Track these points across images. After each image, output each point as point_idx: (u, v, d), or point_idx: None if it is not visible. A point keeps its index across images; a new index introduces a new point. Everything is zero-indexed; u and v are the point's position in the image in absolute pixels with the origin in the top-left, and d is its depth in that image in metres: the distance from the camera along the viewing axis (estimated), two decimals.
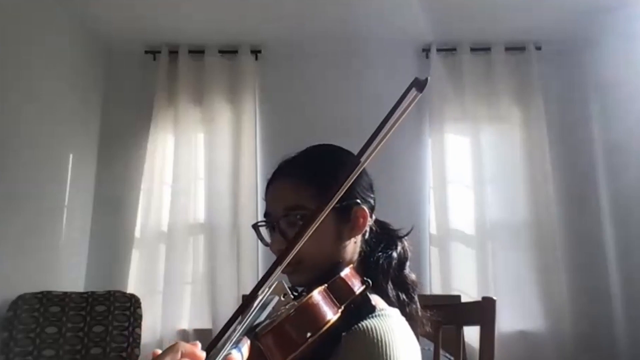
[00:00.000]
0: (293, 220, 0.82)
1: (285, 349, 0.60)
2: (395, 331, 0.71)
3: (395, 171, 2.71)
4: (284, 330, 0.61)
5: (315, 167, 0.86)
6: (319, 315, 0.64)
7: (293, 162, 0.89)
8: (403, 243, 0.90)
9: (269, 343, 0.60)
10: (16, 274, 2.09)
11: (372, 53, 2.93)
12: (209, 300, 2.57)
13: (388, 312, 0.76)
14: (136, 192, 2.72)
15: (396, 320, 0.75)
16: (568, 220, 2.69)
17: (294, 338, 0.61)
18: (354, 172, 0.72)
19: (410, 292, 0.86)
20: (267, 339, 0.60)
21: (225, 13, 2.60)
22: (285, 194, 0.85)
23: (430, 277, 2.61)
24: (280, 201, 0.85)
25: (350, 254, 0.85)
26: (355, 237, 0.85)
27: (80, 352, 2.04)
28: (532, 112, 2.78)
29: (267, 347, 0.60)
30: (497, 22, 2.71)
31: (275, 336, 0.60)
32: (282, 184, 0.87)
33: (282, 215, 0.83)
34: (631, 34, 2.47)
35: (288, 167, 0.89)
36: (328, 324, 0.64)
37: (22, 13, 2.15)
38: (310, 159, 0.89)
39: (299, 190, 0.83)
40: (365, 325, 0.70)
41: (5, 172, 2.03)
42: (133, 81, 2.91)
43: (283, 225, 0.83)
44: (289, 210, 0.82)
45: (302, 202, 0.81)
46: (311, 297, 0.65)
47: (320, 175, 0.83)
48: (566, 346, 2.48)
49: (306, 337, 0.61)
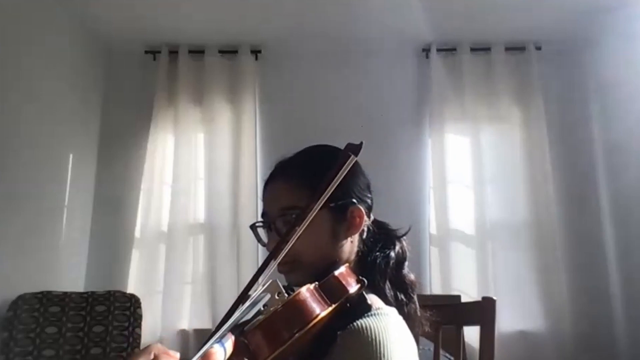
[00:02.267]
0: (289, 220, 0.82)
1: (272, 344, 0.60)
2: (390, 330, 0.71)
3: (395, 171, 2.71)
4: (271, 325, 0.62)
5: (310, 168, 0.86)
6: (306, 312, 0.64)
7: (289, 162, 0.90)
8: (401, 243, 0.90)
9: (255, 338, 0.61)
10: (16, 274, 2.09)
11: (372, 53, 2.93)
12: (209, 300, 2.57)
13: (384, 311, 0.76)
14: (136, 192, 2.72)
15: (392, 320, 0.75)
16: (568, 220, 2.69)
17: (281, 333, 0.61)
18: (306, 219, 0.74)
19: (409, 291, 0.86)
20: (254, 333, 0.61)
21: (225, 13, 2.60)
22: (281, 194, 0.86)
23: (430, 277, 2.61)
24: (277, 201, 0.86)
25: (347, 254, 0.85)
26: (351, 237, 0.86)
27: (80, 352, 2.04)
28: (532, 112, 2.78)
29: (253, 342, 0.60)
30: (497, 22, 2.71)
31: (262, 331, 0.61)
32: (278, 184, 0.88)
33: (278, 215, 0.84)
34: (631, 34, 2.47)
35: (284, 168, 0.89)
36: (315, 320, 0.64)
37: (22, 13, 2.15)
38: (306, 159, 0.90)
39: (295, 190, 0.84)
40: (360, 323, 0.71)
41: (5, 172, 2.03)
42: (133, 81, 2.91)
43: (279, 225, 0.84)
44: (285, 210, 0.83)
45: (298, 202, 0.81)
46: (299, 294, 0.66)
47: (315, 175, 0.82)
48: (566, 346, 2.48)
49: (293, 332, 0.61)
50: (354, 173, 0.88)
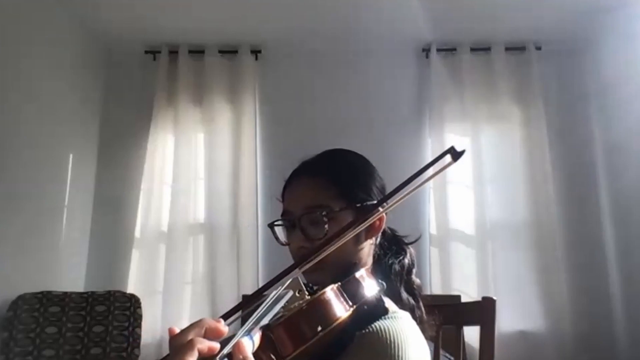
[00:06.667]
0: (315, 217, 0.84)
1: (296, 341, 0.62)
2: (407, 333, 0.73)
3: (395, 171, 2.69)
4: (296, 322, 0.63)
5: (336, 169, 0.89)
6: (330, 312, 0.66)
7: (313, 163, 0.93)
8: (410, 250, 0.94)
9: (280, 334, 0.62)
10: (16, 274, 2.09)
11: (372, 53, 2.93)
12: (209, 300, 2.57)
13: (400, 315, 0.78)
14: (136, 192, 2.71)
15: (408, 323, 0.77)
16: (568, 220, 2.69)
17: (305, 331, 0.63)
18: (374, 216, 0.79)
19: (417, 296, 0.89)
20: (280, 330, 0.62)
21: (225, 13, 2.60)
22: (306, 192, 0.87)
23: (430, 277, 2.61)
24: (301, 200, 0.87)
25: (365, 256, 0.88)
26: (371, 239, 0.88)
27: (80, 352, 2.04)
28: (532, 112, 2.77)
29: (278, 338, 0.62)
30: (497, 22, 2.71)
31: (288, 328, 0.62)
32: (304, 183, 0.89)
33: (303, 213, 0.85)
34: (631, 34, 2.47)
35: (308, 168, 0.92)
36: (338, 320, 0.66)
37: (22, 13, 2.15)
38: (330, 161, 0.93)
39: (321, 189, 0.86)
40: (378, 326, 0.72)
41: (5, 172, 2.03)
42: (133, 81, 2.91)
43: (304, 223, 0.85)
44: (311, 208, 0.85)
45: (324, 201, 0.85)
46: (324, 294, 0.67)
47: (340, 176, 0.87)
48: (566, 346, 2.48)
49: (317, 331, 0.63)
50: (373, 175, 0.93)
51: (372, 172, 0.94)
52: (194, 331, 0.54)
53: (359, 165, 0.94)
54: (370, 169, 0.94)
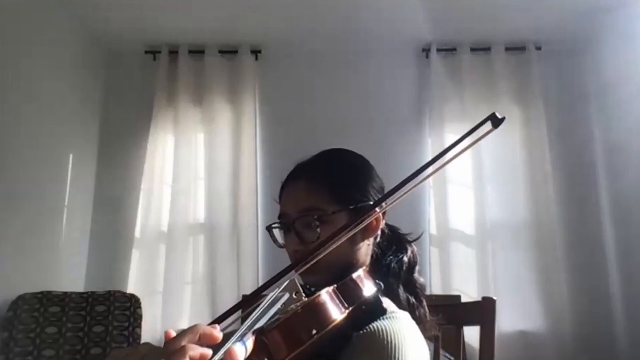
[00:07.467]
0: (308, 221, 0.83)
1: (291, 345, 0.61)
2: (405, 333, 0.72)
3: (395, 171, 2.70)
4: (291, 326, 0.62)
5: (331, 171, 0.88)
6: (325, 314, 0.66)
7: (308, 165, 0.92)
8: (412, 247, 0.93)
9: (275, 338, 0.61)
10: (16, 274, 2.09)
11: (372, 53, 2.93)
12: (209, 300, 2.57)
13: (399, 315, 0.77)
14: (136, 192, 2.72)
15: (406, 323, 0.77)
16: (568, 220, 2.69)
17: (300, 335, 0.62)
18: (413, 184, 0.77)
19: (419, 295, 0.88)
20: (274, 334, 0.61)
21: (225, 13, 2.60)
22: (300, 195, 0.87)
23: (430, 277, 2.61)
24: (296, 203, 0.87)
25: (363, 257, 0.87)
26: (368, 240, 0.87)
27: (80, 352, 2.04)
28: (532, 112, 2.77)
29: (272, 342, 0.61)
30: (497, 22, 2.70)
31: (281, 332, 0.62)
32: (298, 186, 0.88)
33: (297, 217, 0.85)
34: (631, 34, 2.47)
35: (303, 170, 0.91)
36: (333, 323, 0.65)
37: (22, 13, 2.15)
38: (325, 162, 0.92)
39: (314, 192, 0.85)
40: (376, 326, 0.72)
41: (5, 172, 2.03)
42: (133, 81, 2.91)
43: (299, 226, 0.85)
44: (304, 211, 0.84)
45: (318, 204, 0.84)
46: (319, 296, 0.67)
47: (335, 178, 0.85)
48: (566, 346, 2.48)
49: (312, 334, 0.62)
50: (370, 175, 0.92)
51: (370, 172, 0.92)
52: (188, 337, 0.53)
53: (356, 165, 0.93)
54: (367, 169, 0.93)
